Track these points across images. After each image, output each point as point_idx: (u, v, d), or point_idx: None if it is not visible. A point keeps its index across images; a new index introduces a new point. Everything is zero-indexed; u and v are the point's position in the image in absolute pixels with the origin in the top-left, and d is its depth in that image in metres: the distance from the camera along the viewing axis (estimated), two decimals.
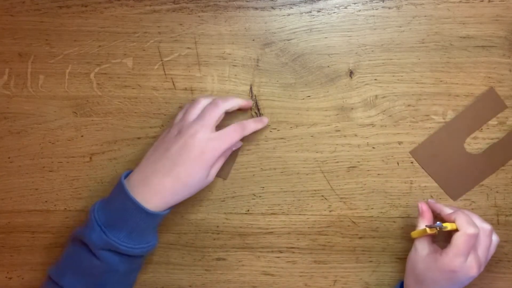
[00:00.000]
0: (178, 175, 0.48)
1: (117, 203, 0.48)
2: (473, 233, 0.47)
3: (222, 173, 0.56)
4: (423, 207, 0.52)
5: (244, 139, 0.56)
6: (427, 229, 0.49)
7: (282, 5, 0.56)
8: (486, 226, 0.50)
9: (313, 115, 0.56)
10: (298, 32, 0.56)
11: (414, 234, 0.51)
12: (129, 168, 0.56)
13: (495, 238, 0.51)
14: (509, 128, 0.56)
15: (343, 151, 0.56)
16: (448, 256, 0.47)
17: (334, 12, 0.56)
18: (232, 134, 0.50)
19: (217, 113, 0.50)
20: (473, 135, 0.56)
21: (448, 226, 0.48)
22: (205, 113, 0.50)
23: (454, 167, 0.55)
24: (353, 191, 0.56)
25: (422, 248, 0.50)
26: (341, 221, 0.57)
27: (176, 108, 0.56)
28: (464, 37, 0.55)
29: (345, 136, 0.56)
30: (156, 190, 0.48)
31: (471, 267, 0.47)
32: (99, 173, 0.57)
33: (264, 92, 0.56)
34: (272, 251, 0.57)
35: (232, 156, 0.55)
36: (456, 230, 0.48)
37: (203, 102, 0.51)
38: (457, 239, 0.47)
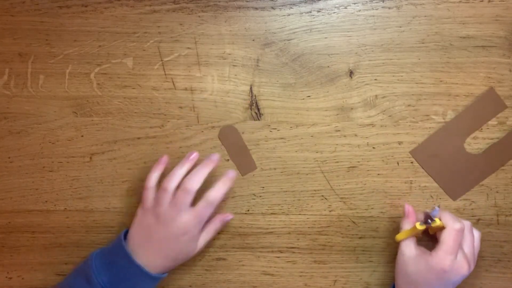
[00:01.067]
0: (167, 254, 0.51)
1: (120, 267, 0.50)
2: (460, 228, 0.48)
3: (249, 168, 0.56)
4: (409, 208, 0.53)
5: (245, 140, 0.56)
6: (417, 225, 0.49)
7: (282, 5, 0.56)
8: (466, 222, 0.50)
9: (313, 115, 0.56)
10: (298, 32, 0.56)
11: (399, 236, 0.51)
12: (129, 168, 0.56)
13: (476, 233, 0.52)
14: (509, 128, 0.56)
15: (343, 151, 0.56)
16: (438, 255, 0.48)
17: (334, 12, 0.56)
18: (204, 210, 0.51)
19: (189, 200, 0.51)
20: (473, 135, 0.56)
21: (437, 221, 0.49)
22: (177, 200, 0.50)
23: (454, 167, 0.55)
24: (353, 191, 0.56)
25: (409, 251, 0.50)
26: (341, 221, 0.57)
27: (176, 108, 0.56)
28: (464, 37, 0.55)
29: (345, 136, 0.56)
30: (153, 264, 0.50)
31: (462, 265, 0.48)
32: (99, 173, 0.57)
33: (264, 92, 0.56)
34: (272, 251, 0.57)
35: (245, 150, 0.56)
36: (442, 229, 0.48)
37: (171, 186, 0.51)
38: (446, 236, 0.48)
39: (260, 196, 0.57)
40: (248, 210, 0.57)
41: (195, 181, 0.51)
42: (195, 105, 0.56)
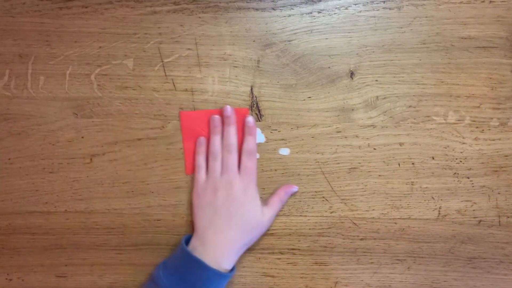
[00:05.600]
0: (237, 223, 0.52)
1: (194, 276, 0.49)
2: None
3: None
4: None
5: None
6: None
7: (282, 6, 0.56)
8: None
9: (314, 116, 0.56)
10: (299, 33, 0.56)
11: None
12: (130, 169, 0.56)
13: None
14: (510, 129, 0.55)
15: (344, 152, 0.56)
16: None
17: (335, 13, 0.56)
18: (250, 164, 0.54)
19: (234, 159, 0.54)
20: (474, 136, 0.56)
21: None
22: (227, 164, 0.53)
23: None
24: (354, 192, 0.56)
25: None
26: (342, 222, 0.56)
27: (177, 109, 0.56)
28: (465, 38, 0.55)
29: (346, 137, 0.56)
30: (226, 246, 0.51)
31: None
32: (100, 175, 0.57)
33: (265, 93, 0.56)
34: (273, 253, 0.57)
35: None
36: None
37: (216, 149, 0.54)
38: None
39: (261, 198, 0.56)
40: None
41: (231, 138, 0.54)
42: (196, 106, 0.56)
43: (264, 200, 0.55)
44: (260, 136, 0.56)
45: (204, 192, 0.53)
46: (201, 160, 0.55)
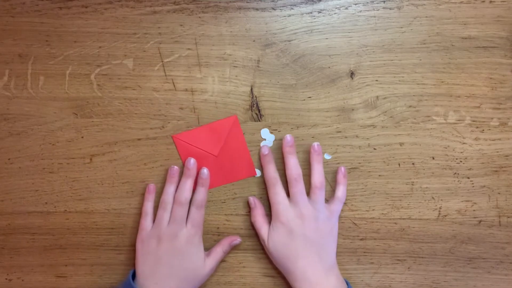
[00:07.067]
0: (178, 274, 0.52)
1: None
2: (268, 179, 0.55)
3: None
4: (254, 199, 0.56)
5: (245, 140, 0.56)
6: None
7: (282, 6, 0.56)
8: (292, 174, 0.54)
9: (314, 116, 0.56)
10: (299, 33, 0.56)
11: None
12: (129, 169, 0.56)
13: (339, 194, 0.55)
14: (510, 129, 0.55)
15: (344, 152, 0.56)
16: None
17: (335, 13, 0.56)
18: (197, 216, 0.54)
19: (185, 212, 0.54)
20: (474, 136, 0.55)
21: None
22: (175, 215, 0.53)
23: None
24: (354, 192, 0.56)
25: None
26: (342, 222, 0.56)
27: (177, 109, 0.56)
28: (465, 38, 0.55)
29: (346, 137, 0.56)
30: None
31: None
32: (99, 175, 0.57)
33: (265, 93, 0.56)
34: None
35: None
36: None
37: (168, 199, 0.54)
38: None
39: (260, 198, 0.56)
40: (249, 212, 0.57)
41: (185, 193, 0.54)
42: (196, 106, 0.56)
43: (207, 250, 0.55)
44: (269, 136, 0.56)
45: (148, 240, 0.53)
46: (148, 207, 0.55)
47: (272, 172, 0.54)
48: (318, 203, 0.52)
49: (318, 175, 0.53)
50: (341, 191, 0.55)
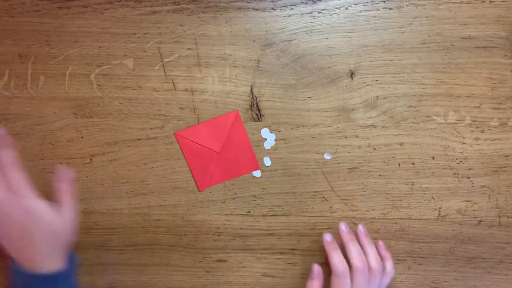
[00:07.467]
0: (31, 237, 0.48)
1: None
2: (337, 272, 0.51)
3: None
4: (318, 270, 0.53)
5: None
6: None
7: (282, 6, 0.56)
8: (358, 264, 0.50)
9: (314, 116, 0.56)
10: (299, 33, 0.56)
11: None
12: (129, 169, 0.56)
13: (389, 269, 0.53)
14: (510, 129, 0.55)
15: (344, 152, 0.56)
16: None
17: (335, 13, 0.56)
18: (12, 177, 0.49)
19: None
20: (474, 136, 0.55)
21: None
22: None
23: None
24: (354, 193, 0.56)
25: None
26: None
27: (177, 109, 0.56)
28: (465, 38, 0.55)
29: (346, 137, 0.56)
30: (37, 259, 0.48)
31: None
32: (100, 175, 0.57)
33: (265, 93, 0.56)
34: (273, 253, 0.57)
35: None
36: None
37: None
38: (331, 280, 0.51)
39: (260, 198, 0.56)
40: (249, 212, 0.57)
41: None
42: (196, 106, 0.56)
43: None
44: (270, 136, 0.56)
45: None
46: None
47: (340, 264, 0.52)
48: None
49: (373, 258, 0.52)
50: (389, 266, 0.53)
